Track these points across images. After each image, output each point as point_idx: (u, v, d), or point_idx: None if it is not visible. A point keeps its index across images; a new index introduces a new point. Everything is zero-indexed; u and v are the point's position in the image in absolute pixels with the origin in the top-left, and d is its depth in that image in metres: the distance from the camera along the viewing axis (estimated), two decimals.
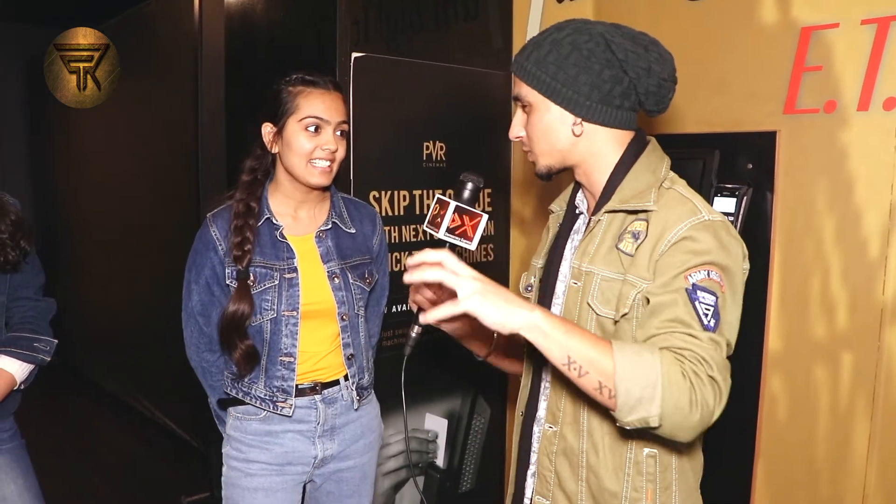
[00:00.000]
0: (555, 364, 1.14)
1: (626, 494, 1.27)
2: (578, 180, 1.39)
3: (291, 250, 1.70)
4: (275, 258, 1.68)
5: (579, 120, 1.29)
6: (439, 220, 1.28)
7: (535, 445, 1.41)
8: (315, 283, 1.71)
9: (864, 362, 1.76)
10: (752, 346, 1.89)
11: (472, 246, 1.28)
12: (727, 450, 1.95)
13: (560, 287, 1.37)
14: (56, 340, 1.91)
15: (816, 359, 1.84)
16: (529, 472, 1.42)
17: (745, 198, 1.86)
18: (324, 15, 2.32)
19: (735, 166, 1.90)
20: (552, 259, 1.40)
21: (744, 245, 1.26)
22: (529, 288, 1.48)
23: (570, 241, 1.39)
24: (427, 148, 2.41)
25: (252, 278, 1.66)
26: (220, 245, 1.69)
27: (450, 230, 1.28)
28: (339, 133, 1.67)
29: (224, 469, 1.78)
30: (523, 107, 1.34)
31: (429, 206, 2.49)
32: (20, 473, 1.84)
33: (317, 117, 1.63)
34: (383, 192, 2.31)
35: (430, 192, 2.45)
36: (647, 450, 1.26)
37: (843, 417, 1.81)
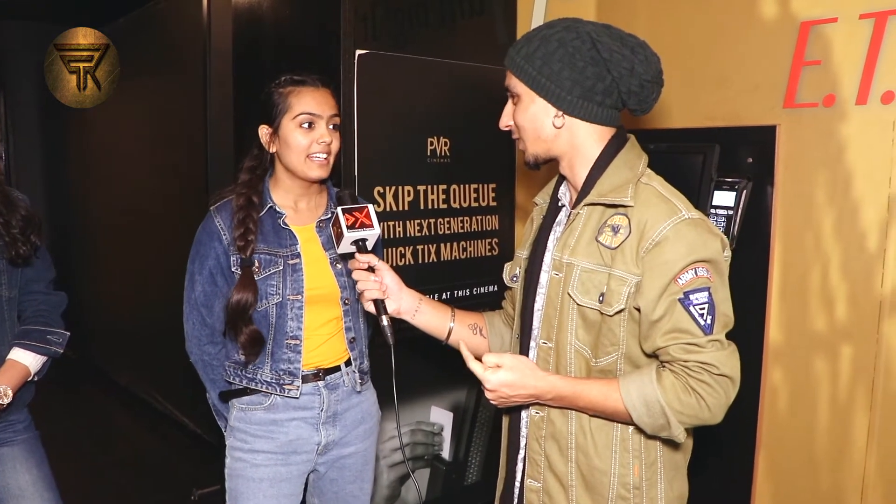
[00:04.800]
0: None
1: (614, 471, 1.34)
2: (563, 173, 1.44)
3: (294, 237, 1.75)
4: (278, 245, 1.73)
5: (561, 113, 1.35)
6: (339, 230, 1.48)
7: (523, 431, 1.46)
8: (318, 268, 1.75)
9: (864, 354, 1.78)
10: (752, 339, 1.91)
11: (376, 230, 1.50)
12: (729, 441, 1.97)
13: (544, 277, 1.42)
14: (68, 333, 1.94)
15: (816, 351, 1.85)
16: (520, 457, 1.47)
17: (744, 191, 1.88)
18: (329, 12, 2.34)
19: (735, 160, 1.91)
20: (536, 250, 1.46)
21: (723, 237, 1.32)
22: (515, 278, 1.55)
23: (552, 232, 1.45)
24: (431, 144, 2.43)
25: (257, 265, 1.71)
26: (225, 234, 1.74)
27: (350, 227, 1.48)
28: (331, 126, 1.72)
29: (228, 461, 1.80)
30: (513, 97, 1.40)
31: (433, 201, 2.52)
32: (35, 464, 1.88)
33: (309, 113, 1.69)
34: (387, 188, 2.34)
35: (434, 187, 2.47)
36: (631, 428, 1.33)
37: (843, 409, 1.82)
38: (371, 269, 1.50)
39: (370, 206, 1.53)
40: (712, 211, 1.89)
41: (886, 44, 1.68)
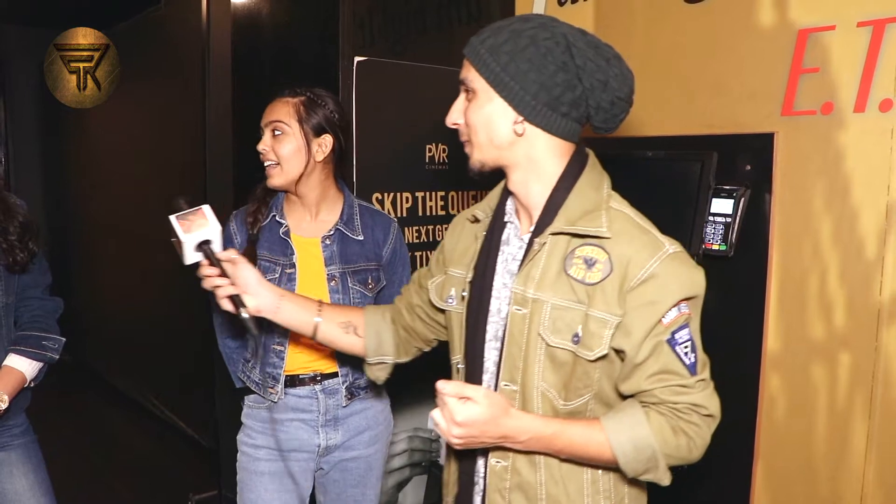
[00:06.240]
0: None
1: None
2: (512, 188, 1.29)
3: (292, 248, 1.81)
4: (280, 254, 1.80)
5: (521, 119, 1.20)
6: (177, 238, 1.42)
7: (479, 483, 1.32)
8: (312, 281, 1.80)
9: (862, 362, 1.77)
10: (750, 346, 1.90)
11: (215, 226, 1.42)
12: (727, 450, 1.96)
13: (495, 304, 1.29)
14: (64, 339, 1.95)
15: (815, 359, 1.85)
16: None
17: (742, 199, 1.88)
18: (328, 20, 2.35)
19: (733, 168, 1.91)
20: (483, 273, 1.31)
21: (701, 269, 1.24)
22: (451, 300, 1.38)
23: (500, 253, 1.31)
24: (430, 150, 2.44)
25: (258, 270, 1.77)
26: (237, 238, 1.84)
27: (187, 232, 1.41)
28: (274, 132, 1.77)
29: (238, 454, 1.88)
30: (467, 92, 1.25)
31: (431, 208, 2.53)
32: (31, 468, 1.88)
33: (261, 126, 1.80)
34: (386, 194, 2.35)
35: (433, 193, 2.48)
36: (601, 469, 1.26)
37: (842, 417, 1.82)
38: (223, 274, 1.41)
39: (205, 207, 1.46)
40: (710, 219, 1.89)
41: (885, 51, 1.69)
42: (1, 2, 5.64)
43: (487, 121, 1.22)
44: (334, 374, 1.82)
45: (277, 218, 1.82)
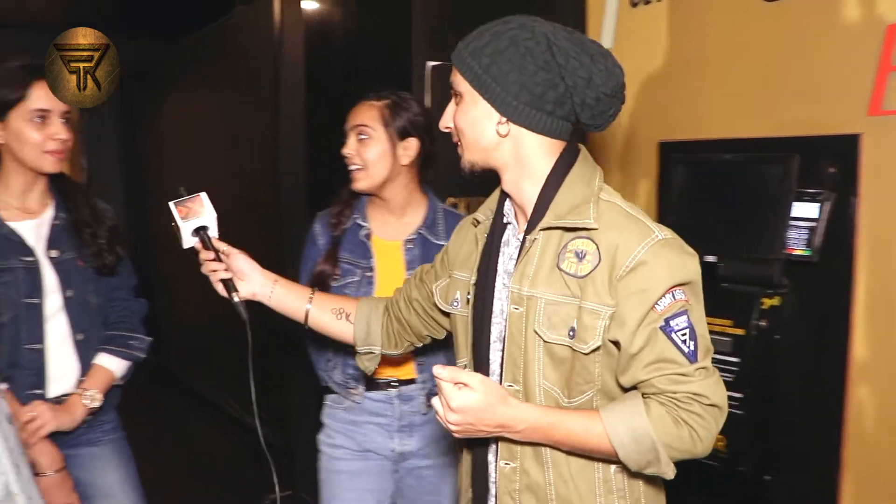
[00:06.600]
0: None
1: None
2: (506, 189, 1.32)
3: (371, 251, 1.83)
4: (360, 256, 1.84)
5: (504, 119, 1.23)
6: (175, 223, 1.50)
7: (491, 486, 1.33)
8: (391, 284, 1.79)
9: None
10: (835, 355, 1.84)
11: (211, 213, 1.52)
12: (812, 464, 1.89)
13: (497, 306, 1.31)
14: (150, 338, 2.02)
15: None
16: None
17: (827, 203, 1.82)
18: (400, 26, 2.38)
19: (816, 170, 1.85)
20: (485, 274, 1.32)
21: (695, 254, 1.23)
22: (456, 303, 1.41)
23: (501, 254, 1.33)
24: None
25: (339, 272, 1.82)
26: (321, 238, 1.88)
27: (185, 218, 1.50)
28: (359, 135, 1.82)
29: (318, 454, 1.93)
30: (455, 96, 1.29)
31: None
32: (122, 463, 1.96)
33: (345, 130, 1.85)
34: (460, 199, 2.36)
35: None
36: (613, 466, 1.24)
37: None
38: (217, 259, 1.52)
39: (202, 194, 1.54)
40: (792, 223, 1.84)
41: None
42: (77, 15, 5.88)
43: (473, 123, 1.25)
44: (412, 381, 1.83)
45: (360, 221, 1.84)
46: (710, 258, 1.85)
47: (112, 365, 1.92)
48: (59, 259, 1.86)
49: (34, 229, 1.85)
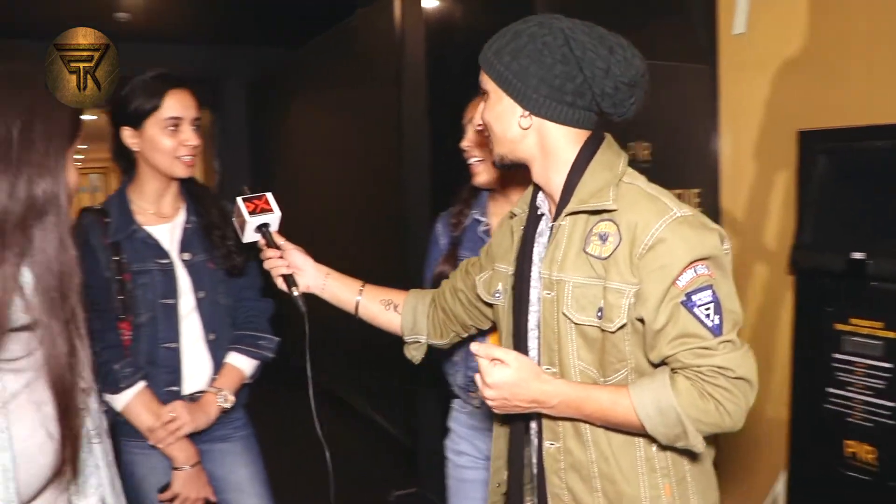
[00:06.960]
0: None
1: (644, 494, 1.25)
2: (536, 180, 1.37)
3: None
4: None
5: (527, 113, 1.28)
6: (241, 218, 1.59)
7: (533, 466, 1.38)
8: None
9: None
10: None
11: (277, 213, 1.61)
12: None
13: (534, 294, 1.36)
14: (278, 338, 2.05)
15: None
16: (526, 489, 1.40)
17: None
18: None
19: None
20: (522, 264, 1.38)
21: (720, 230, 1.25)
22: (498, 294, 1.46)
23: (536, 244, 1.38)
24: (630, 148, 2.33)
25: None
26: (442, 239, 1.88)
27: (252, 213, 1.58)
28: (477, 129, 1.78)
29: (445, 461, 1.92)
30: (483, 95, 1.36)
31: None
32: (251, 459, 2.01)
33: (462, 124, 1.83)
34: None
35: None
36: (655, 445, 1.25)
37: None
38: (279, 256, 1.61)
39: (268, 194, 1.63)
40: None
41: None
42: (210, 24, 6.16)
43: (499, 118, 1.32)
44: None
45: (478, 216, 1.82)
46: (858, 255, 1.71)
47: (243, 364, 1.97)
48: (191, 261, 1.92)
49: (168, 232, 1.92)
